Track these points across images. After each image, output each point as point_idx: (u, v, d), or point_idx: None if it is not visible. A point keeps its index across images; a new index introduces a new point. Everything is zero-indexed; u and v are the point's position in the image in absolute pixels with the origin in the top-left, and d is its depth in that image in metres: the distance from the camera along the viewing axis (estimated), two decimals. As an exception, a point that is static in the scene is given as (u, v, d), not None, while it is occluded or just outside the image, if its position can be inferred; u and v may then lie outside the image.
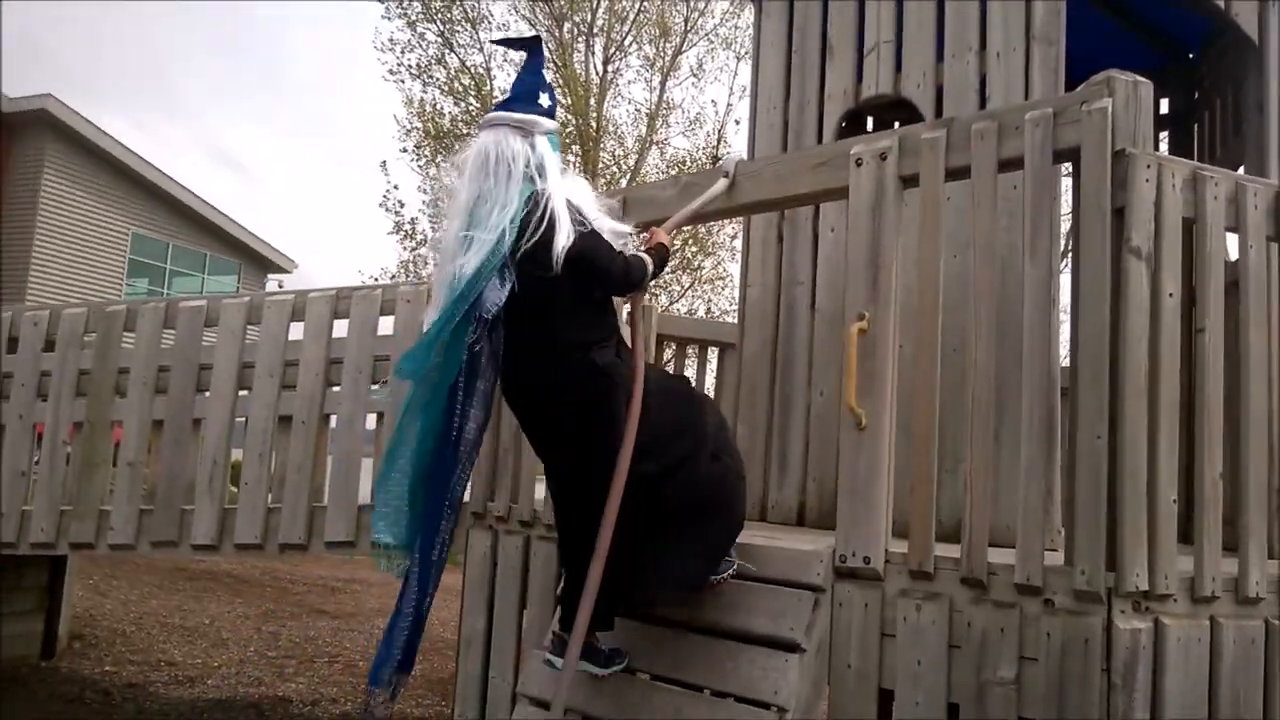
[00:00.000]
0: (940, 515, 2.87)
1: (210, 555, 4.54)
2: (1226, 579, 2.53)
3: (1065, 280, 2.89)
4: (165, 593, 7.92)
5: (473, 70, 16.04)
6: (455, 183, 2.70)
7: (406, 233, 15.78)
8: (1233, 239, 2.72)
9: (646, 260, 2.79)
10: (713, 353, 5.33)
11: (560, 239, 2.55)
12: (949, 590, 2.59)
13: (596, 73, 16.51)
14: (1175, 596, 2.43)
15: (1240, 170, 4.12)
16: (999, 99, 3.60)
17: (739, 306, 4.46)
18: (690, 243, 15.42)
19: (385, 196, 15.82)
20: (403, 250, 15.86)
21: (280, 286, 20.51)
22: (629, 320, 2.97)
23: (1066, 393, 2.55)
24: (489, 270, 2.54)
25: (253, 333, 4.50)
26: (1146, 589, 2.37)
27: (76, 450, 4.74)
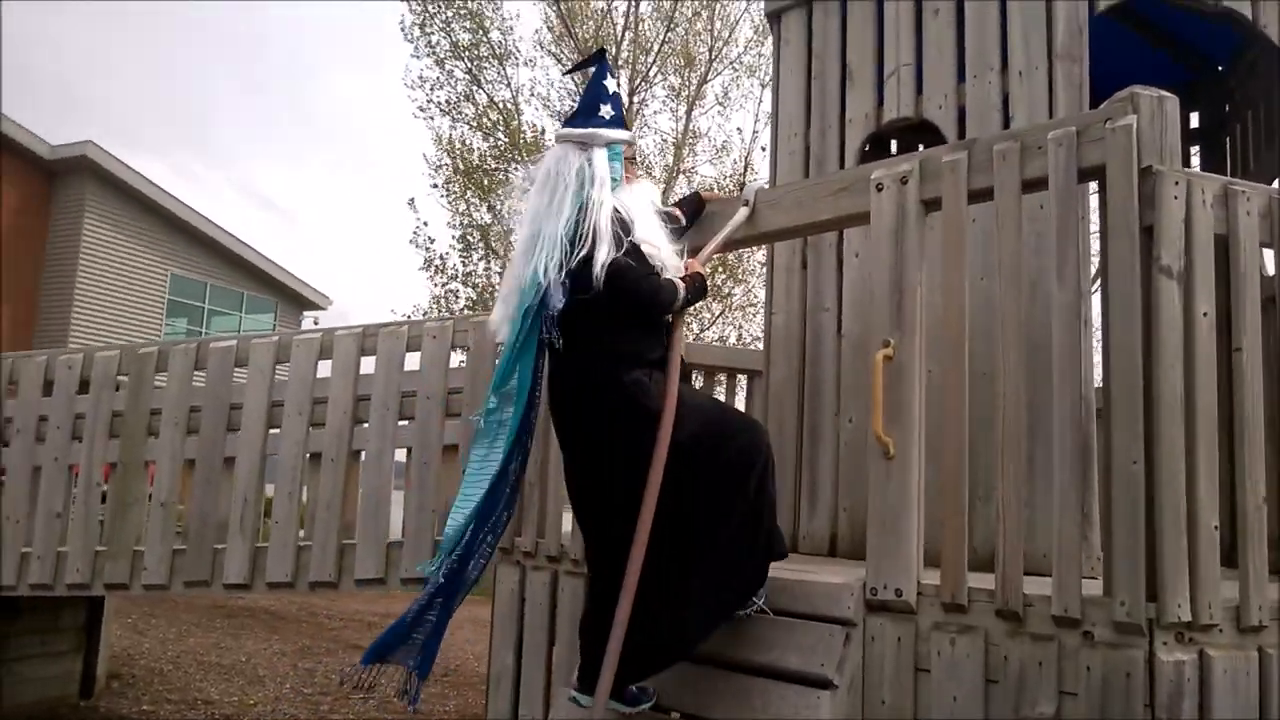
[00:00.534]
0: (974, 543, 2.80)
1: (243, 593, 4.55)
2: (1274, 606, 2.44)
3: (1096, 300, 2.83)
4: (203, 630, 7.97)
5: (501, 105, 16.23)
6: (530, 193, 2.88)
7: (437, 268, 15.90)
8: (1268, 254, 2.65)
9: (679, 286, 2.81)
10: (741, 380, 5.28)
11: (600, 254, 2.63)
12: (984, 623, 2.52)
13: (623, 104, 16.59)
14: (1220, 626, 2.35)
15: (1275, 184, 4.03)
16: (1022, 119, 3.55)
17: (764, 334, 4.42)
18: (720, 270, 15.38)
19: (415, 233, 15.99)
20: (434, 286, 15.97)
21: (316, 323, 20.78)
22: (668, 342, 2.95)
23: (1101, 413, 2.49)
24: (551, 271, 2.67)
25: (282, 371, 4.54)
26: (1189, 619, 2.29)
27: (111, 491, 4.80)
